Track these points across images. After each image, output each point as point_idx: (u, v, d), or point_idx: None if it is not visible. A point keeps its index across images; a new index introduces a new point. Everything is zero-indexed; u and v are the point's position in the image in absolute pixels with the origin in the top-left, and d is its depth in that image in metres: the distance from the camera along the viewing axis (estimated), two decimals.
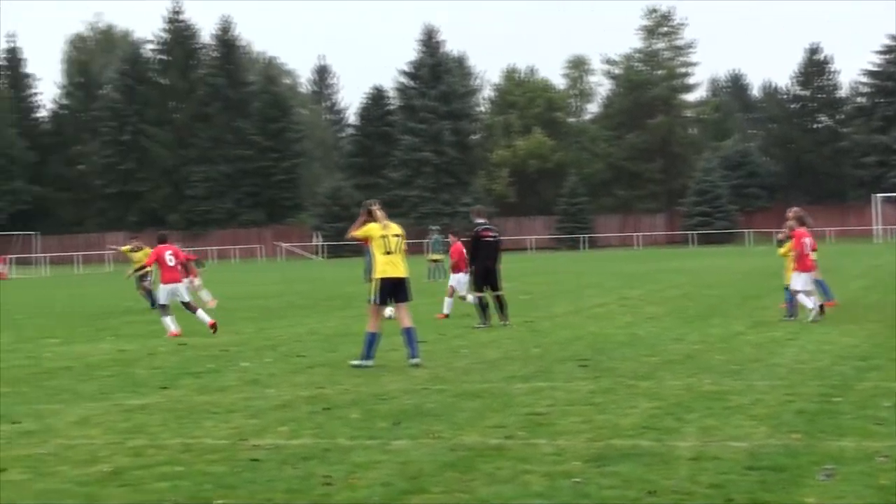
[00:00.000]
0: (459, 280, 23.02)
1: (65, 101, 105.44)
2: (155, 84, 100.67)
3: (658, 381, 12.21)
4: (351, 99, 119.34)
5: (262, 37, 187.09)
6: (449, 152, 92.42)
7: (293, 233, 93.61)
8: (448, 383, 12.58)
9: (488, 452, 8.69)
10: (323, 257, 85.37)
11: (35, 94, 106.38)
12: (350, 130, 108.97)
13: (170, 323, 19.91)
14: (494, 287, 20.11)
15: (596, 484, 7.58)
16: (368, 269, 21.18)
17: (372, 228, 14.65)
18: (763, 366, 13.30)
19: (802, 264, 19.08)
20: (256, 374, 14.09)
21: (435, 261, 40.93)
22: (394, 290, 14.56)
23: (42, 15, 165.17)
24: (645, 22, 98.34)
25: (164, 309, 20.26)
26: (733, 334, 17.05)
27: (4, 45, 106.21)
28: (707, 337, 16.80)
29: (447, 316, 22.00)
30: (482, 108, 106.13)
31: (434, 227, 48.82)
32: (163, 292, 20.42)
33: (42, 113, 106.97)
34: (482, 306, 20.02)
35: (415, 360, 14.23)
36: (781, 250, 20.23)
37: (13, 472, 8.53)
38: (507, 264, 25.46)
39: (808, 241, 19.37)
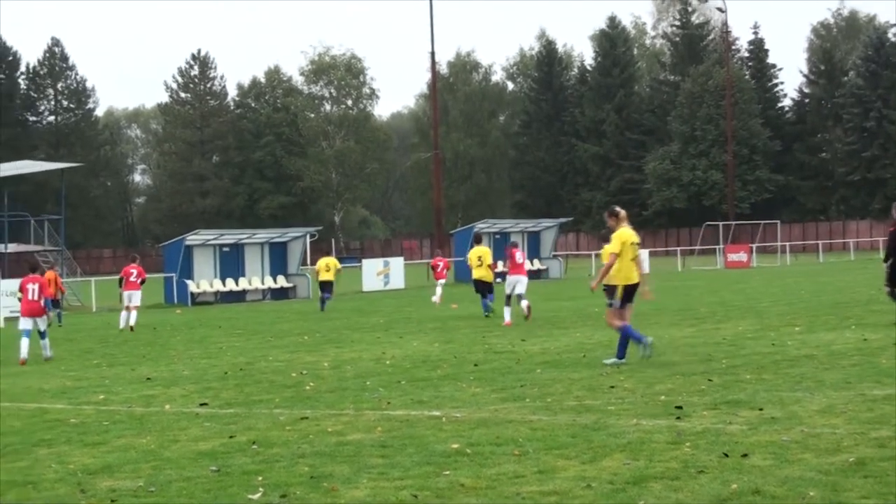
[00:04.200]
0: None
1: (807, 90, 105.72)
2: None
3: None
4: None
5: None
6: None
7: None
8: None
9: None
10: None
11: (778, 83, 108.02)
12: None
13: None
14: None
15: None
16: None
17: (623, 235, 15.40)
18: None
19: None
20: None
21: None
22: (632, 294, 15.61)
23: (787, 4, 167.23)
24: None
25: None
26: None
27: (750, 37, 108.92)
28: None
29: None
30: None
31: None
32: None
33: (785, 102, 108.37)
34: None
35: (609, 361, 15.22)
36: None
37: (756, 458, 8.66)
38: None
39: None
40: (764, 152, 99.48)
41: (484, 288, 27.44)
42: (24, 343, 20.28)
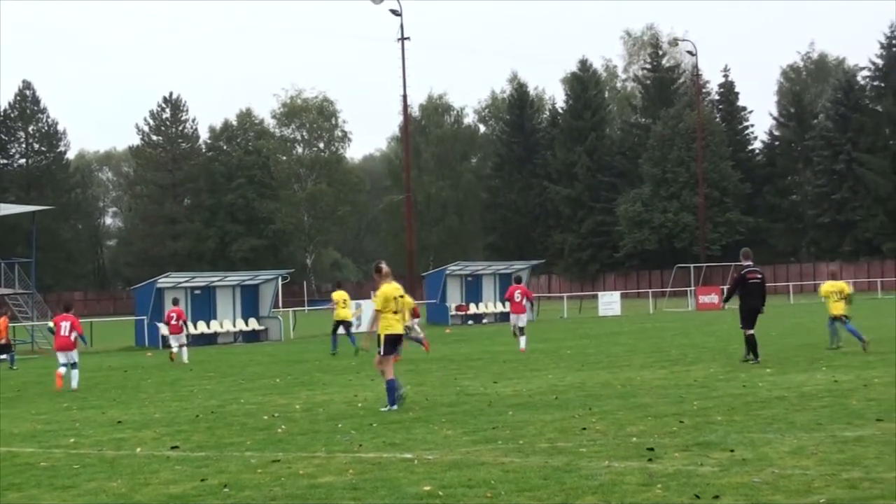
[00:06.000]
0: None
1: (777, 133, 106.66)
2: (869, 111, 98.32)
3: None
4: None
5: None
6: None
7: None
8: None
9: None
10: None
11: (748, 126, 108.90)
12: None
13: None
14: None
15: None
16: None
17: (387, 292, 16.44)
18: None
19: None
20: None
21: None
22: (396, 344, 16.66)
23: (756, 48, 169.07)
24: None
25: None
26: None
27: (720, 80, 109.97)
28: None
29: None
30: None
31: None
32: None
33: (756, 145, 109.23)
34: (752, 343, 21.87)
35: (384, 409, 16.09)
36: None
37: (727, 499, 8.69)
38: None
39: None
40: (734, 194, 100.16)
41: (343, 326, 32.83)
42: (62, 371, 23.12)
